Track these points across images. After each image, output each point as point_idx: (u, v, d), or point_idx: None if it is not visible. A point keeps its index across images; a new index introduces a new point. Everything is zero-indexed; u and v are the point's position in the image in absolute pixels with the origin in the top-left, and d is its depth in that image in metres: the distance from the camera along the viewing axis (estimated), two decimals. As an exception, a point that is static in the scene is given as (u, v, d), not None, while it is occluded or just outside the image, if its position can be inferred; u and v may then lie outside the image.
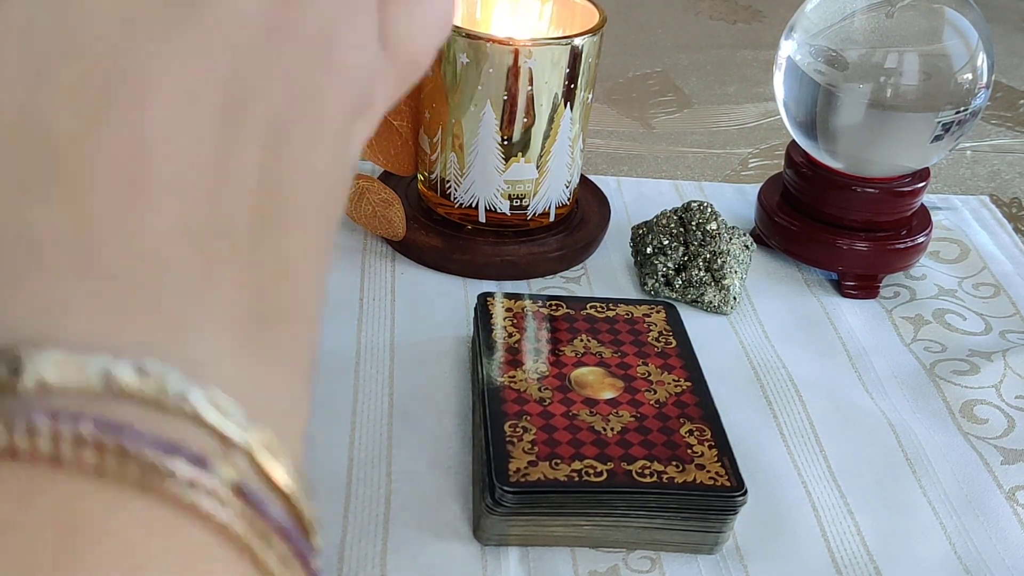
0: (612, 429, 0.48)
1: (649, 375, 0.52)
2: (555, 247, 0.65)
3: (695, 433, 0.48)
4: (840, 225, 0.66)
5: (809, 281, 0.68)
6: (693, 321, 0.61)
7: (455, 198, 0.64)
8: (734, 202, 0.76)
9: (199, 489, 0.16)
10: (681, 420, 0.49)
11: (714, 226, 0.63)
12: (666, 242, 0.64)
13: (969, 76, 0.61)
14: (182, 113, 0.18)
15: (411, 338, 0.59)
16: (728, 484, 0.46)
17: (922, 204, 0.68)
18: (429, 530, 0.47)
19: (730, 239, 0.63)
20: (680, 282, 0.63)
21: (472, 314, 0.60)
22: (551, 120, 0.61)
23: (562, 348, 0.54)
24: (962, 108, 0.61)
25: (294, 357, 0.20)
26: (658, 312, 0.57)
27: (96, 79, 0.18)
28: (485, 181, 0.63)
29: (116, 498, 0.16)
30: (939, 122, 0.61)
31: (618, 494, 0.45)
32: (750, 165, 0.83)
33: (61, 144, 0.17)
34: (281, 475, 0.18)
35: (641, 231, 0.65)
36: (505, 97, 0.60)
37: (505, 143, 0.62)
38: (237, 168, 0.19)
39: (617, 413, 0.49)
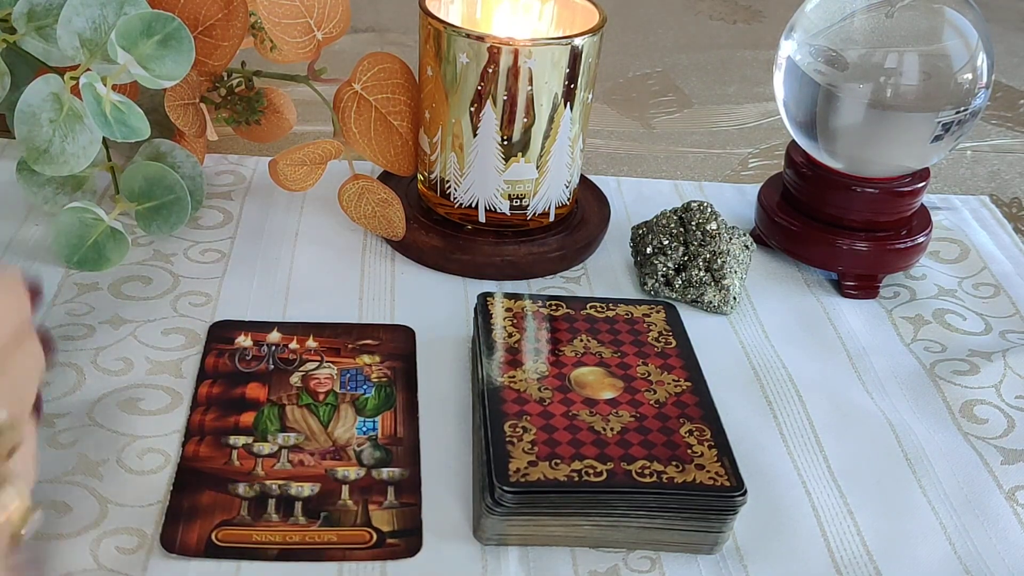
0: (612, 429, 0.48)
1: (649, 375, 0.52)
2: (555, 247, 0.65)
3: (695, 433, 0.48)
4: (840, 225, 0.66)
5: (809, 281, 0.68)
6: (693, 321, 0.61)
7: (455, 198, 0.64)
8: (734, 202, 0.76)
9: None
10: (681, 420, 0.49)
11: (714, 226, 0.63)
12: (666, 242, 0.64)
13: (969, 76, 0.61)
14: None
15: (411, 338, 0.59)
16: (728, 484, 0.46)
17: (922, 204, 0.68)
18: (429, 530, 0.47)
19: (730, 239, 0.63)
20: (680, 282, 0.63)
21: (472, 314, 0.60)
22: (551, 120, 0.61)
23: (562, 348, 0.54)
24: (962, 108, 0.61)
25: None
26: (658, 312, 0.57)
27: None
28: (485, 181, 0.63)
29: None
30: (939, 122, 0.61)
31: (618, 494, 0.45)
32: (750, 165, 0.83)
33: None
34: None
35: (641, 231, 0.65)
36: (505, 97, 0.60)
37: (505, 143, 0.62)
38: None
39: (617, 413, 0.49)
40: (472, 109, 0.61)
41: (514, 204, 0.64)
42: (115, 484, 0.48)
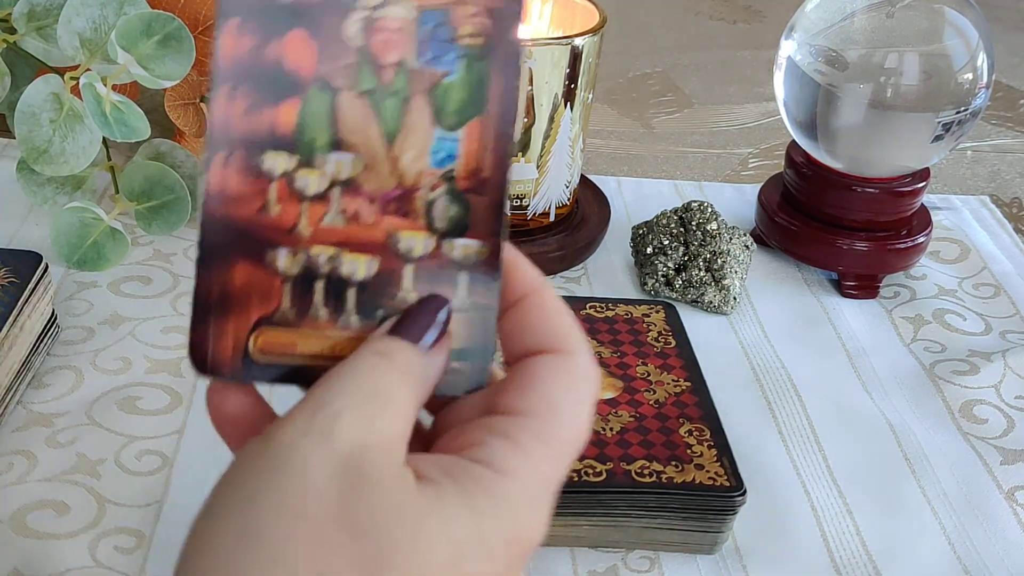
0: (611, 429, 0.48)
1: (648, 375, 0.52)
2: (555, 247, 0.65)
3: (694, 433, 0.48)
4: (840, 225, 0.66)
5: (809, 281, 0.68)
6: (693, 321, 0.61)
7: (455, 198, 0.64)
8: (734, 202, 0.76)
9: None
10: (680, 420, 0.49)
11: (714, 226, 0.63)
12: (666, 242, 0.64)
13: (969, 76, 0.61)
14: None
15: (411, 338, 0.59)
16: (727, 484, 0.46)
17: (922, 204, 0.68)
18: (428, 530, 0.47)
19: (730, 239, 0.63)
20: (680, 282, 0.63)
21: (472, 314, 0.59)
22: (551, 120, 0.61)
23: (561, 348, 0.54)
24: (962, 108, 0.61)
25: None
26: (657, 312, 0.57)
27: None
28: (485, 181, 0.63)
29: None
30: (939, 122, 0.61)
31: (617, 494, 0.45)
32: (750, 165, 0.83)
33: None
34: None
35: (641, 231, 0.65)
36: (505, 97, 0.60)
37: (505, 143, 0.61)
38: None
39: (616, 413, 0.49)
40: (472, 109, 0.61)
41: (514, 204, 0.64)
42: (113, 484, 0.48)
